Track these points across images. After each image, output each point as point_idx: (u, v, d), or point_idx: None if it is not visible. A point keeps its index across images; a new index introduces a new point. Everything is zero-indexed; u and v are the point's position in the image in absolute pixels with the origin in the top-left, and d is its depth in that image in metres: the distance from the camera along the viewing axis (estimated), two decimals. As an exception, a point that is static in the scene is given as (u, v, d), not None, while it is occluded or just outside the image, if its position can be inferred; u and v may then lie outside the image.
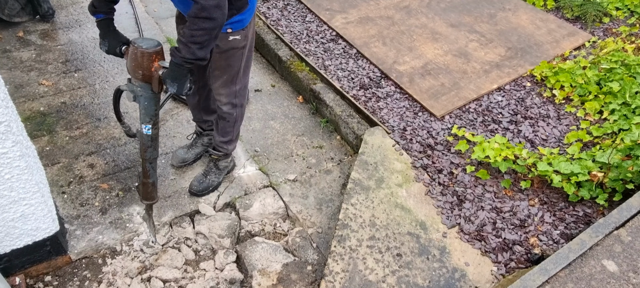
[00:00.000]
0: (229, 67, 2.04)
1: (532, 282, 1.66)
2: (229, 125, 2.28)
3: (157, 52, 1.69)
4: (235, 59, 2.02)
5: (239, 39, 1.96)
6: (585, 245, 1.76)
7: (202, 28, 1.57)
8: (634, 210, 1.89)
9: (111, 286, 2.01)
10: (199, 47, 1.61)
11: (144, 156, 1.90)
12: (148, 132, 1.84)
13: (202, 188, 2.38)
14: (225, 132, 2.31)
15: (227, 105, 2.18)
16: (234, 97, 2.17)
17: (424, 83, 3.05)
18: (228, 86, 2.11)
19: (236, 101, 2.19)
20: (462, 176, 2.47)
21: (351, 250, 2.07)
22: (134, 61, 1.69)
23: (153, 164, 1.95)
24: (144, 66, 1.68)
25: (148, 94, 1.76)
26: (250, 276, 2.07)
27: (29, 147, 1.72)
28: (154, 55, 1.68)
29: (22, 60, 3.17)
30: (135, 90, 1.76)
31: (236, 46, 1.97)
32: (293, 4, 3.92)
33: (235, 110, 2.22)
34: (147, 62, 1.68)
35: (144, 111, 1.80)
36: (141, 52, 1.66)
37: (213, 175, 2.42)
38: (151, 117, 1.82)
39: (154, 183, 2.00)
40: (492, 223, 2.25)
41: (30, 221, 1.75)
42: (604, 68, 2.91)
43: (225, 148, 2.37)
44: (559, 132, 2.72)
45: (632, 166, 2.19)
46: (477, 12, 3.74)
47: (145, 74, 1.70)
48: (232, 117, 2.24)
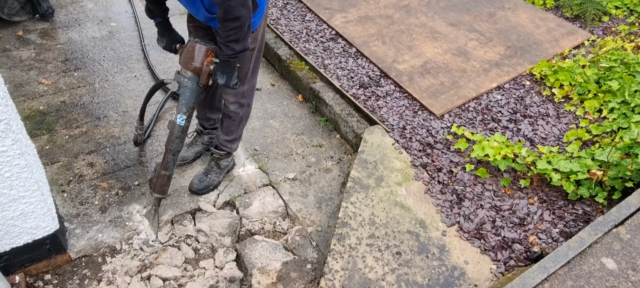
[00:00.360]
0: (239, 70, 2.06)
1: (532, 280, 1.66)
2: (234, 124, 2.30)
3: (213, 50, 1.92)
4: (244, 61, 2.05)
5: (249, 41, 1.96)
6: (584, 243, 1.77)
7: (232, 28, 1.71)
8: (633, 208, 1.89)
9: (111, 284, 2.01)
10: (236, 43, 1.77)
11: (170, 147, 2.00)
12: (181, 122, 1.97)
13: (202, 186, 2.39)
14: (230, 131, 2.32)
15: (234, 105, 2.21)
16: (241, 97, 2.19)
17: (423, 82, 3.05)
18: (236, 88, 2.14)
19: (243, 101, 2.22)
20: (462, 175, 2.47)
21: (351, 248, 2.07)
22: (190, 54, 1.90)
23: (175, 157, 2.03)
24: (199, 60, 1.90)
25: (193, 85, 1.94)
26: (250, 274, 2.07)
27: (29, 145, 1.72)
28: (209, 51, 1.91)
29: (21, 59, 3.17)
30: (181, 81, 1.95)
31: None
32: (292, 3, 3.92)
33: (242, 110, 2.25)
34: (203, 57, 1.90)
35: (184, 101, 1.95)
36: (199, 47, 1.90)
37: (214, 174, 2.43)
38: (188, 109, 1.96)
39: (170, 177, 2.07)
40: (492, 221, 2.26)
41: (30, 219, 1.75)
42: (603, 67, 2.91)
43: (229, 146, 2.38)
44: (558, 130, 2.72)
45: (631, 164, 2.19)
46: (477, 11, 3.74)
47: (197, 66, 1.91)
48: (238, 116, 2.27)
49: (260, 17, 2.00)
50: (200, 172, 2.44)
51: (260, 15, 1.99)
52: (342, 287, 1.91)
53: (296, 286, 2.03)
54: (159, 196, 2.10)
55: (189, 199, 2.37)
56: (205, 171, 2.43)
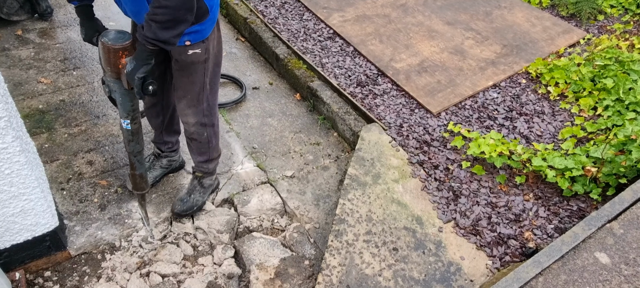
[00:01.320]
0: (192, 84, 1.88)
1: (526, 274, 1.69)
2: (203, 146, 2.13)
3: (125, 47, 1.56)
4: (197, 75, 1.86)
5: (199, 52, 1.79)
6: (578, 238, 1.79)
7: (163, 6, 1.43)
8: (626, 204, 1.92)
9: (110, 281, 2.03)
10: (160, 27, 1.47)
11: (128, 149, 1.87)
12: (127, 127, 1.78)
13: (185, 208, 2.23)
14: (201, 152, 2.17)
15: (196, 126, 2.03)
16: (202, 116, 2.00)
17: (420, 80, 3.07)
18: (194, 106, 1.96)
19: (205, 120, 2.03)
20: (458, 172, 2.49)
21: (348, 244, 2.09)
22: (104, 55, 1.59)
23: (138, 157, 1.90)
24: (111, 62, 1.59)
25: (121, 89, 1.67)
26: (248, 271, 2.09)
27: (29, 143, 1.73)
28: (120, 51, 1.56)
29: (20, 58, 3.18)
30: (110, 86, 1.68)
31: (196, 60, 1.81)
32: (290, 3, 3.94)
33: (205, 130, 2.06)
34: (114, 58, 1.57)
35: (121, 107, 1.73)
36: (108, 47, 1.55)
37: (197, 193, 2.27)
38: (128, 113, 1.75)
39: (141, 175, 1.95)
40: (487, 218, 2.28)
41: (30, 216, 1.76)
42: (598, 65, 2.94)
43: (205, 167, 2.23)
44: (553, 128, 2.74)
45: (625, 161, 2.22)
46: (473, 10, 3.77)
47: (113, 69, 1.60)
48: (203, 138, 2.09)
49: (211, 25, 1.79)
50: (183, 193, 2.28)
51: (210, 23, 1.77)
52: (339, 282, 1.94)
53: (294, 282, 2.05)
54: (138, 193, 2.02)
55: (188, 197, 2.39)
56: (188, 191, 2.27)
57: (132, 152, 1.88)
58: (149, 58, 1.55)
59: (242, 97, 3.06)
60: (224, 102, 2.99)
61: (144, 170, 1.97)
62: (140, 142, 1.87)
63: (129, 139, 1.83)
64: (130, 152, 1.88)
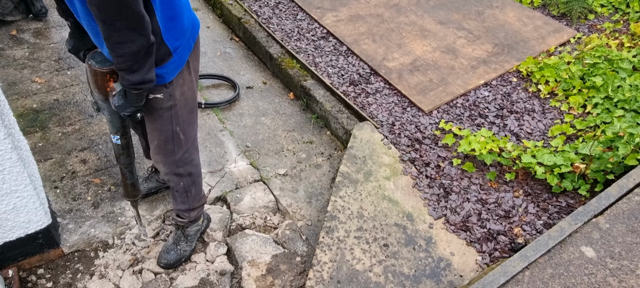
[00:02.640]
0: (157, 131, 1.72)
1: (513, 268, 1.71)
2: (181, 195, 1.94)
3: (112, 71, 1.54)
4: (162, 122, 1.68)
5: (161, 98, 1.61)
6: (564, 232, 1.82)
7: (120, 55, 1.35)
8: (612, 199, 1.95)
9: (103, 278, 2.05)
10: (128, 73, 1.41)
11: (119, 162, 1.86)
12: (117, 141, 1.77)
13: (172, 260, 2.07)
14: (181, 201, 1.97)
15: (169, 175, 1.86)
16: (175, 167, 1.82)
17: (412, 79, 3.10)
18: (165, 154, 1.78)
19: (180, 171, 1.84)
20: (449, 169, 2.52)
21: (339, 240, 2.11)
22: (91, 77, 1.58)
23: (129, 168, 1.88)
24: (98, 85, 1.57)
25: (110, 109, 1.65)
26: (240, 267, 2.11)
27: (21, 140, 1.75)
28: (108, 74, 1.55)
29: (15, 58, 3.19)
30: (98, 103, 1.67)
31: (158, 107, 1.64)
32: (284, 3, 3.96)
33: (181, 180, 1.88)
34: (101, 81, 1.56)
35: (110, 124, 1.72)
36: (94, 70, 1.53)
37: (183, 243, 2.11)
38: (118, 129, 1.74)
39: (132, 184, 1.93)
40: (478, 214, 2.31)
41: (23, 213, 1.78)
42: (587, 63, 2.97)
43: (188, 215, 2.03)
44: (543, 125, 2.78)
45: (612, 157, 2.25)
46: (466, 9, 3.80)
47: (101, 92, 1.60)
48: (180, 187, 1.90)
49: (177, 69, 1.60)
50: (169, 243, 2.11)
51: (175, 67, 1.59)
52: (330, 278, 1.96)
53: (285, 278, 2.07)
54: (129, 200, 2.00)
55: (181, 195, 2.41)
56: (174, 241, 2.10)
57: (123, 164, 1.87)
58: (138, 100, 1.52)
59: (235, 97, 3.08)
60: (217, 102, 3.01)
61: (135, 179, 1.93)
62: (130, 154, 1.85)
63: (119, 152, 1.81)
64: (121, 164, 1.87)
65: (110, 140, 1.83)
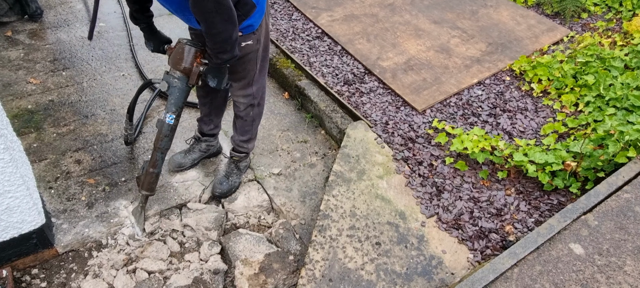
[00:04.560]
0: (245, 71, 2.09)
1: (502, 265, 1.73)
2: (247, 124, 2.33)
3: (202, 51, 1.95)
4: (250, 63, 2.07)
5: (252, 43, 1.99)
6: (553, 229, 1.84)
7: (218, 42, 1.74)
8: (601, 196, 1.96)
9: (97, 278, 2.06)
10: (223, 53, 1.79)
11: (158, 145, 2.04)
12: (170, 121, 2.01)
13: (225, 190, 2.42)
14: (244, 131, 2.36)
15: (245, 105, 2.24)
16: (252, 98, 2.23)
17: (406, 78, 3.11)
18: (245, 88, 2.17)
19: (254, 101, 2.25)
20: (442, 167, 2.54)
21: (331, 239, 2.13)
22: (179, 55, 1.93)
23: (164, 155, 2.08)
24: (188, 61, 1.93)
25: (183, 85, 1.97)
26: (234, 266, 2.12)
27: (14, 141, 1.76)
28: (198, 52, 1.94)
29: (10, 59, 3.20)
30: (170, 81, 1.98)
31: (250, 51, 2.01)
32: (280, 3, 3.97)
33: (252, 110, 2.28)
34: (192, 58, 1.93)
35: (174, 101, 1.99)
36: (189, 48, 1.92)
37: (234, 176, 2.46)
38: (177, 108, 2.01)
39: (158, 174, 2.11)
40: (470, 212, 2.32)
41: (16, 214, 1.79)
42: (580, 62, 2.99)
43: (246, 147, 2.42)
44: (536, 124, 2.79)
45: (603, 155, 2.27)
46: (460, 8, 3.82)
47: (187, 67, 1.94)
48: (249, 117, 2.30)
49: (260, 16, 1.97)
50: (221, 176, 2.45)
51: (259, 15, 1.95)
52: (322, 276, 1.97)
53: (278, 276, 2.09)
54: (146, 193, 2.12)
55: (175, 194, 2.42)
56: (226, 174, 2.45)
57: (160, 149, 2.05)
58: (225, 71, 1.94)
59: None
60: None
61: (160, 171, 2.14)
62: (171, 141, 2.07)
63: (166, 134, 2.03)
64: (159, 148, 2.05)
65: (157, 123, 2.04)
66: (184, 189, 2.46)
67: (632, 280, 1.69)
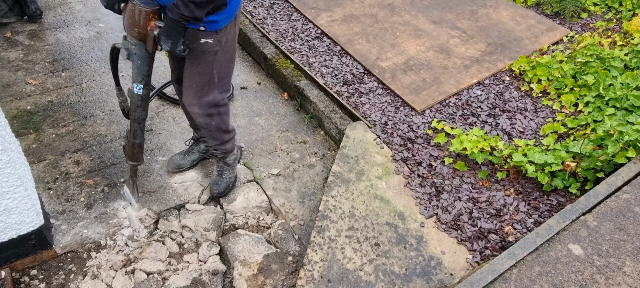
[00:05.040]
0: (199, 75, 1.91)
1: (500, 266, 1.73)
2: (213, 132, 2.17)
3: (155, 11, 1.73)
4: (206, 66, 1.89)
5: (211, 42, 1.83)
6: (552, 230, 1.83)
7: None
8: (600, 196, 1.96)
9: (96, 279, 2.06)
10: (197, 6, 1.61)
11: (133, 116, 1.96)
12: (139, 91, 1.89)
13: (223, 188, 2.39)
14: (213, 138, 2.24)
15: (202, 116, 2.05)
16: (207, 108, 2.03)
17: (405, 78, 3.11)
18: (199, 97, 1.98)
19: (211, 111, 2.05)
20: (441, 168, 2.53)
21: (330, 240, 2.12)
22: (131, 18, 1.72)
23: (141, 125, 2.01)
24: (140, 24, 1.72)
25: (142, 52, 1.80)
26: (232, 267, 2.12)
27: (12, 141, 1.76)
28: (151, 14, 1.72)
29: (9, 60, 3.21)
30: (129, 48, 1.80)
31: (207, 50, 1.85)
32: (279, 3, 3.97)
33: (212, 120, 2.09)
34: (143, 21, 1.71)
35: (137, 70, 1.84)
36: (139, 9, 1.69)
37: (227, 172, 2.41)
38: (143, 77, 1.86)
39: (140, 144, 2.06)
40: (469, 213, 2.32)
41: (14, 215, 1.79)
42: (579, 62, 2.98)
43: (222, 148, 2.31)
44: (535, 124, 2.79)
45: (602, 155, 2.26)
46: (459, 8, 3.81)
47: (141, 32, 1.74)
48: (211, 126, 2.13)
49: (229, 18, 1.83)
50: (215, 175, 2.41)
51: (227, 16, 1.81)
52: (320, 277, 1.97)
53: (277, 277, 2.09)
54: (133, 163, 2.12)
55: (174, 195, 2.42)
56: (219, 172, 2.40)
57: (136, 119, 1.97)
58: (182, 32, 1.70)
59: (229, 96, 3.09)
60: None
61: (143, 140, 2.07)
62: (146, 110, 1.97)
63: (138, 104, 1.93)
64: (135, 119, 1.97)
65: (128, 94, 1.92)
66: (183, 190, 2.46)
67: (632, 281, 1.68)
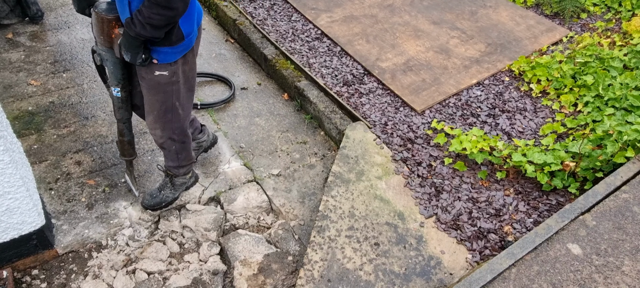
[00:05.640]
0: (159, 103, 1.89)
1: (500, 266, 1.73)
2: (172, 155, 2.14)
3: (117, 18, 1.69)
4: (165, 95, 1.87)
5: (166, 74, 1.80)
6: (551, 229, 1.84)
7: (160, 14, 1.54)
8: (599, 196, 1.97)
9: (97, 278, 2.07)
10: (154, 29, 1.59)
11: (117, 117, 2.02)
12: (117, 94, 1.92)
13: (154, 203, 2.25)
14: (170, 159, 2.18)
15: (163, 139, 2.04)
16: (171, 132, 2.02)
17: (405, 79, 3.12)
18: (162, 122, 1.97)
19: (174, 137, 2.05)
20: (441, 168, 2.54)
21: (330, 240, 2.13)
22: (97, 26, 1.72)
23: (126, 124, 2.06)
24: (104, 32, 1.71)
25: (113, 58, 1.80)
26: (233, 267, 2.13)
27: (14, 142, 1.77)
28: (113, 21, 1.69)
29: (11, 61, 3.22)
30: (101, 55, 1.80)
31: (162, 82, 1.82)
32: (279, 4, 3.98)
33: (174, 144, 2.08)
34: (107, 28, 1.70)
35: (112, 75, 1.85)
36: (101, 17, 1.68)
37: (167, 190, 2.28)
38: (119, 81, 1.87)
39: (129, 141, 2.12)
40: (468, 212, 2.33)
41: (16, 215, 1.80)
42: (579, 62, 2.99)
43: (176, 171, 2.23)
44: (535, 124, 2.79)
45: (601, 155, 2.27)
46: (459, 9, 3.82)
47: (106, 39, 1.73)
48: (172, 150, 2.11)
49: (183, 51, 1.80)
50: (155, 188, 2.30)
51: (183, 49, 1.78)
52: (320, 276, 1.98)
53: (277, 277, 2.10)
54: (126, 159, 2.20)
55: (174, 195, 2.43)
56: (159, 187, 2.29)
57: (121, 120, 2.02)
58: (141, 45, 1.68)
59: (231, 96, 3.10)
60: (213, 102, 3.03)
61: (132, 137, 2.11)
62: (128, 109, 2.01)
63: (119, 106, 1.97)
64: (120, 119, 2.01)
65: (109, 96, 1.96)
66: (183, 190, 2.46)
67: (630, 280, 1.69)
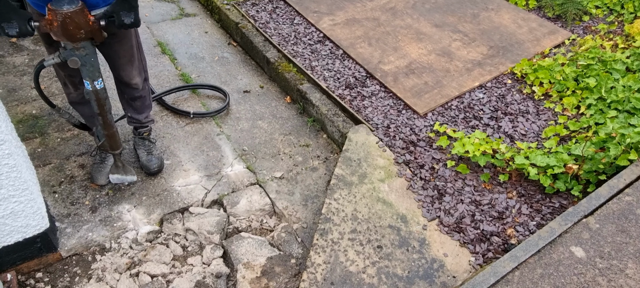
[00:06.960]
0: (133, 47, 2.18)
1: (503, 268, 1.73)
2: (146, 100, 2.47)
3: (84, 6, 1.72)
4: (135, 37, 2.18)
5: None
6: (554, 232, 1.84)
7: None
8: (602, 199, 1.96)
9: (101, 282, 2.07)
10: None
11: (106, 108, 2.05)
12: (102, 85, 1.95)
13: (159, 163, 2.54)
14: (146, 106, 2.49)
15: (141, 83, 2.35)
16: (142, 71, 2.35)
17: (407, 82, 3.12)
18: (140, 65, 2.29)
19: (145, 74, 2.39)
20: (443, 171, 2.54)
21: (333, 242, 2.13)
22: (71, 25, 1.69)
23: (110, 113, 2.12)
24: (82, 24, 1.72)
25: (92, 49, 1.84)
26: (236, 270, 2.14)
27: (18, 146, 1.78)
28: (84, 9, 1.71)
29: (15, 65, 3.24)
30: (78, 54, 1.79)
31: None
32: (281, 7, 4.00)
33: (146, 84, 2.43)
34: (83, 18, 1.71)
35: (92, 68, 1.88)
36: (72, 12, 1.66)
37: (154, 149, 2.59)
38: (98, 70, 1.91)
39: (116, 131, 2.20)
40: (471, 215, 2.33)
41: (20, 218, 1.81)
42: (581, 64, 2.99)
43: (150, 118, 2.58)
44: (537, 127, 2.79)
45: (604, 158, 2.26)
46: (461, 12, 3.83)
47: (86, 30, 1.75)
48: (146, 91, 2.44)
49: None
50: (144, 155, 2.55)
51: None
52: (323, 279, 1.98)
53: (280, 280, 2.10)
54: (116, 152, 2.27)
55: (178, 198, 2.44)
56: (148, 151, 2.57)
57: (108, 110, 2.06)
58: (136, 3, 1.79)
59: (224, 107, 3.06)
60: (205, 112, 2.98)
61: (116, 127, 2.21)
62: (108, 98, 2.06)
63: (106, 96, 2.01)
64: (106, 111, 2.05)
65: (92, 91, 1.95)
66: (187, 193, 2.47)
67: (634, 283, 1.68)
